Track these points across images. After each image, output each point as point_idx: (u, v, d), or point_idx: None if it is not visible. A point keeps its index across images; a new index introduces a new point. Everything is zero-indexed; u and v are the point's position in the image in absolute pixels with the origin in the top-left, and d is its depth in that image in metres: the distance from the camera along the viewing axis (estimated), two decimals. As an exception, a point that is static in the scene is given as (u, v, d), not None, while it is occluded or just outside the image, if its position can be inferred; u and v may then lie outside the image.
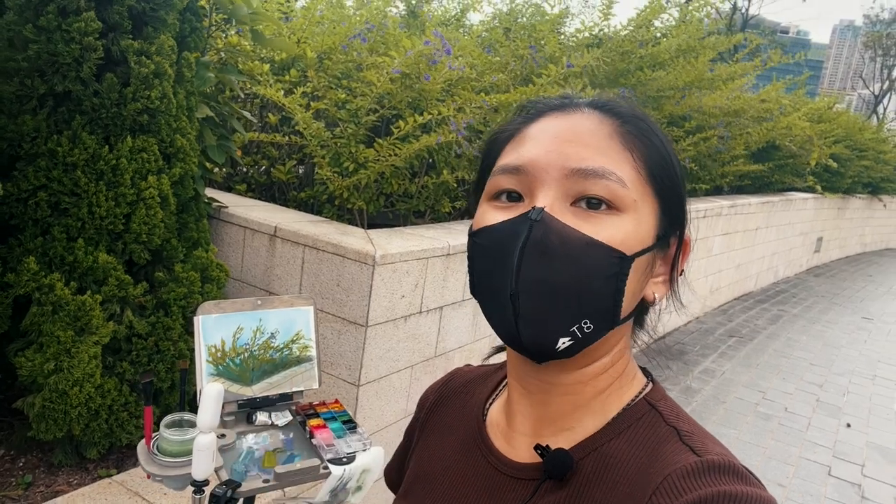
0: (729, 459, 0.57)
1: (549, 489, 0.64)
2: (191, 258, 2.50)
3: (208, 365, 1.44)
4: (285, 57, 3.61)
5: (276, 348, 1.53)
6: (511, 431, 0.71)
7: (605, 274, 0.58)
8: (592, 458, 0.63)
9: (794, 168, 8.30)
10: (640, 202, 0.61)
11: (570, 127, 0.62)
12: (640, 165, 0.61)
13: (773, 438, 4.36)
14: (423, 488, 0.76)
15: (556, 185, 0.60)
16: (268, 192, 3.70)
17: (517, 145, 0.65)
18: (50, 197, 2.19)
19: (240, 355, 1.48)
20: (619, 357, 0.66)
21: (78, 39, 2.11)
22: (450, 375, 0.87)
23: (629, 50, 4.07)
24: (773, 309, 7.98)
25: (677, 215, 0.65)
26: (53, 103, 2.20)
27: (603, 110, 0.64)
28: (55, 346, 2.15)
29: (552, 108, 0.66)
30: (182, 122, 2.41)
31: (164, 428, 1.32)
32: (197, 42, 2.52)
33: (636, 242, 0.60)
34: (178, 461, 1.29)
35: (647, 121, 0.65)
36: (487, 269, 0.62)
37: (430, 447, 0.80)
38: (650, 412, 0.65)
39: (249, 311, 1.51)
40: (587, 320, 0.59)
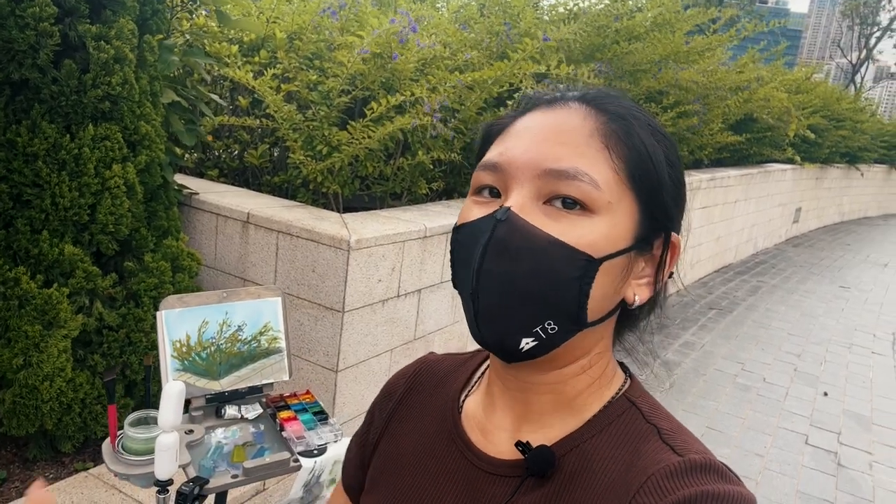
0: (709, 458, 0.58)
1: (531, 487, 0.64)
2: (161, 247, 2.46)
3: (173, 360, 1.42)
4: (254, 38, 3.53)
5: (243, 341, 1.50)
6: (489, 426, 0.70)
7: (569, 276, 0.58)
8: (573, 456, 0.64)
9: (772, 140, 8.34)
10: (616, 204, 0.60)
11: (553, 124, 0.62)
12: (619, 166, 0.60)
13: (751, 409, 4.43)
14: (393, 482, 0.74)
15: (528, 184, 0.60)
16: (241, 176, 3.64)
17: (502, 140, 0.65)
18: (11, 189, 2.13)
19: (206, 349, 1.45)
20: (598, 359, 0.66)
21: (33, 25, 2.04)
22: (419, 364, 0.86)
23: (605, 24, 4.03)
24: (753, 280, 8.07)
25: (660, 218, 0.63)
26: (10, 92, 2.13)
27: (591, 105, 0.63)
28: (23, 340, 2.11)
29: (542, 101, 0.66)
30: (146, 108, 2.35)
31: (128, 426, 1.30)
32: (159, 25, 2.45)
33: (607, 245, 0.59)
34: (143, 459, 1.27)
35: (635, 119, 0.63)
36: (459, 266, 0.63)
37: (400, 440, 0.78)
38: (630, 409, 0.66)
39: (215, 304, 1.48)
40: (550, 321, 0.58)
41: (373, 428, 0.83)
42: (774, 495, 3.40)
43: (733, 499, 0.54)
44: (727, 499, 0.54)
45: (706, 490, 0.54)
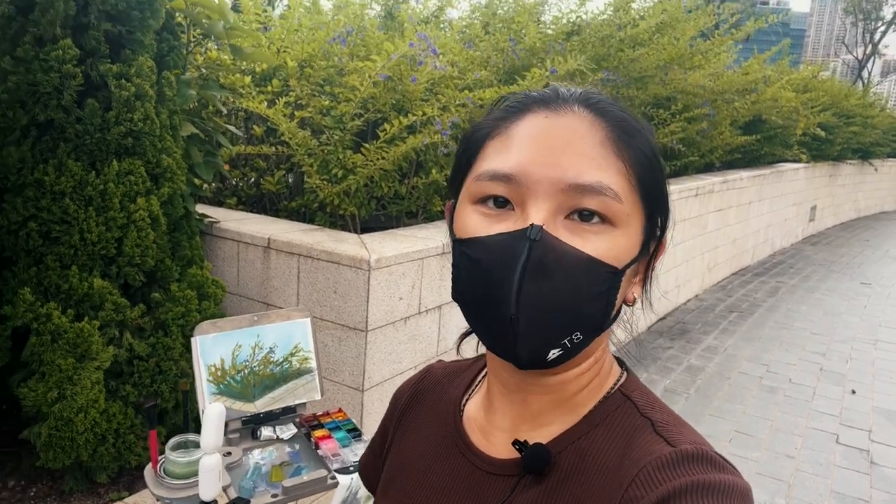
0: (703, 448, 0.58)
1: (528, 484, 0.64)
2: (186, 277, 2.51)
3: (209, 384, 1.45)
4: (266, 68, 3.60)
5: (275, 362, 1.54)
6: (489, 427, 0.71)
7: (599, 290, 0.59)
8: (570, 452, 0.64)
9: (782, 139, 8.31)
10: (632, 214, 0.61)
11: (562, 132, 0.60)
12: (631, 175, 0.61)
13: (779, 410, 4.38)
14: (402, 486, 0.76)
15: (550, 199, 0.59)
16: (258, 203, 3.70)
17: (503, 147, 0.62)
18: (40, 226, 2.19)
19: (240, 372, 1.49)
20: (600, 355, 0.67)
21: (57, 68, 2.11)
22: (423, 372, 0.86)
23: (609, 34, 4.07)
24: (772, 281, 8.01)
25: (660, 220, 0.65)
26: (37, 133, 2.20)
27: (593, 110, 0.62)
28: (57, 374, 2.16)
29: (537, 101, 0.63)
30: (167, 141, 2.41)
31: (169, 450, 1.33)
32: (176, 60, 2.52)
33: (626, 254, 0.60)
34: (185, 482, 1.30)
35: (634, 122, 0.64)
36: (479, 283, 0.60)
37: (406, 446, 0.79)
38: (625, 403, 0.66)
39: (247, 327, 1.51)
40: (578, 333, 0.59)
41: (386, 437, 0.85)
42: (808, 496, 3.36)
43: (727, 488, 0.54)
44: (720, 488, 0.54)
45: (698, 480, 0.54)
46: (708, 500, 0.53)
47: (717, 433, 3.94)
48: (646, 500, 0.55)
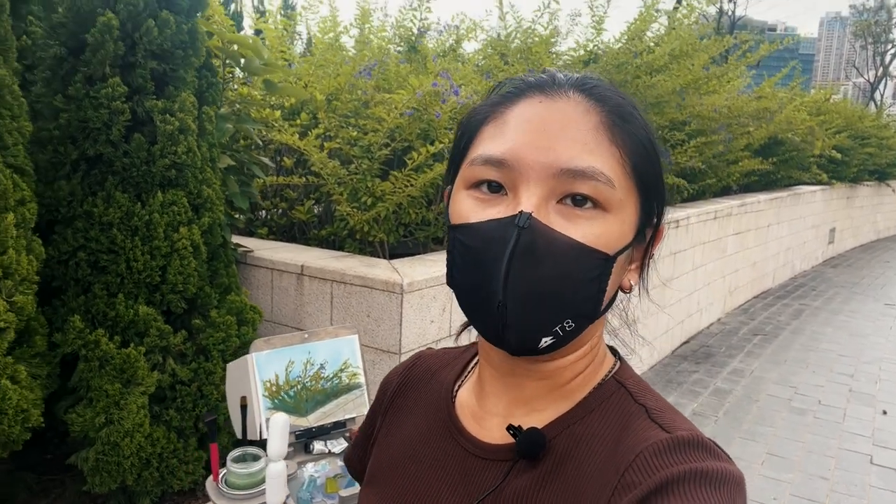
0: (697, 435, 0.58)
1: (523, 469, 0.64)
2: (225, 303, 2.58)
3: (265, 399, 1.51)
4: (294, 102, 3.73)
5: (326, 378, 1.59)
6: (482, 413, 0.70)
7: (590, 276, 0.58)
8: (564, 437, 0.64)
9: (798, 161, 8.34)
10: (625, 200, 0.60)
11: (556, 117, 0.60)
12: (626, 161, 0.60)
13: (810, 432, 4.34)
14: (391, 473, 0.74)
15: (542, 184, 0.58)
16: (288, 232, 3.79)
17: (497, 132, 0.62)
18: (89, 256, 2.28)
19: (293, 387, 1.54)
20: (595, 343, 0.68)
21: (106, 104, 2.22)
22: (413, 359, 0.85)
23: (625, 61, 4.17)
24: (794, 304, 7.95)
25: (656, 207, 0.65)
26: (86, 167, 2.31)
27: (589, 95, 0.61)
28: (104, 399, 2.22)
29: (533, 87, 0.63)
30: (207, 173, 2.51)
31: (231, 462, 1.38)
32: (214, 96, 2.63)
33: (618, 241, 0.60)
34: (247, 493, 1.34)
35: (631, 108, 0.63)
36: (470, 270, 0.60)
37: (396, 432, 0.78)
38: (619, 390, 0.66)
39: (298, 344, 1.57)
40: (570, 320, 0.59)
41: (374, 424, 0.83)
42: (846, 518, 3.32)
43: (722, 475, 0.54)
44: (715, 476, 0.54)
45: (694, 467, 0.54)
46: (704, 488, 0.53)
47: (749, 455, 3.91)
48: (644, 485, 0.55)
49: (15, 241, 1.96)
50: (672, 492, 0.54)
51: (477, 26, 5.14)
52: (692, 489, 0.53)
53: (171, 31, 2.31)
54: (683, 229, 5.36)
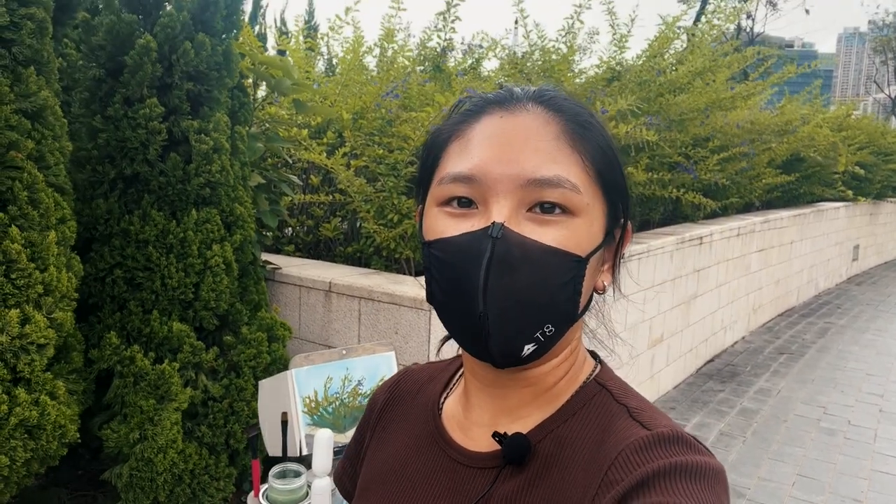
0: (677, 430, 0.60)
1: (510, 475, 0.65)
2: (255, 320, 2.60)
3: (304, 415, 1.51)
4: (320, 121, 3.78)
5: (363, 394, 1.60)
6: (468, 423, 0.71)
7: (564, 279, 0.60)
8: (549, 441, 0.65)
9: (821, 177, 8.26)
10: (592, 203, 0.62)
11: (518, 129, 0.61)
12: (588, 166, 0.62)
13: (840, 453, 4.25)
14: (380, 488, 0.75)
15: (510, 195, 0.60)
16: (314, 250, 3.82)
17: (462, 149, 0.63)
18: (125, 273, 2.32)
19: (331, 404, 1.55)
20: (575, 346, 0.69)
21: (143, 125, 2.27)
22: (400, 375, 0.86)
23: (648, 79, 4.18)
24: (819, 322, 7.84)
25: (621, 207, 0.67)
26: (123, 185, 2.35)
27: (547, 106, 0.63)
28: (139, 415, 2.24)
29: (492, 103, 0.65)
30: (239, 191, 2.55)
31: (273, 479, 1.39)
32: (246, 116, 2.68)
33: (588, 243, 0.62)
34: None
35: (588, 115, 0.65)
36: (449, 285, 0.61)
37: (384, 448, 0.79)
38: (601, 392, 0.67)
39: (337, 360, 1.58)
40: (549, 325, 0.60)
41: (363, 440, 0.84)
42: (882, 541, 3.24)
43: (702, 468, 0.55)
44: (696, 469, 0.55)
45: (675, 461, 0.56)
46: (685, 481, 0.54)
47: (779, 476, 3.84)
48: (625, 482, 0.56)
49: (56, 258, 2.00)
50: (653, 486, 0.54)
51: (497, 44, 5.19)
52: (672, 482, 0.54)
53: (206, 52, 2.36)
54: (707, 246, 5.33)
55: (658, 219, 5.29)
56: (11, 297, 1.87)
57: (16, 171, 1.91)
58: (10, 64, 1.94)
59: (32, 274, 1.91)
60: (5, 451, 1.85)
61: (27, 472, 1.97)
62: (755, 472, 3.89)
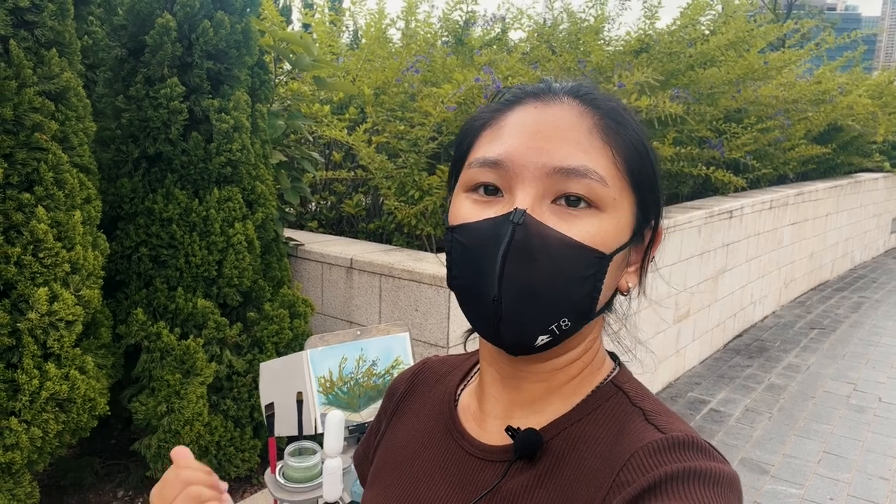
0: (692, 435, 0.59)
1: (520, 469, 0.65)
2: (278, 296, 2.64)
3: (319, 395, 1.54)
4: (342, 97, 3.77)
5: (378, 374, 1.62)
6: (483, 415, 0.71)
7: (584, 274, 0.59)
8: (561, 438, 0.65)
9: (858, 148, 8.00)
10: (620, 199, 0.61)
11: (550, 120, 0.62)
12: (619, 161, 0.61)
13: (870, 431, 4.19)
14: (392, 474, 0.76)
15: (536, 183, 0.60)
16: (337, 226, 3.85)
17: (494, 136, 0.64)
18: (150, 251, 2.37)
19: (346, 384, 1.57)
20: (591, 345, 0.68)
21: (165, 104, 2.29)
22: (420, 365, 0.87)
23: (678, 50, 4.07)
24: (853, 296, 7.67)
25: (652, 208, 0.66)
26: (147, 165, 2.39)
27: (583, 101, 0.63)
28: (165, 389, 2.31)
29: (530, 94, 0.65)
30: (260, 169, 2.57)
31: (288, 456, 1.42)
32: (267, 94, 2.69)
33: (614, 240, 0.61)
34: (304, 486, 1.38)
35: (624, 112, 0.65)
36: (468, 269, 0.62)
37: (399, 435, 0.79)
38: (617, 394, 0.67)
39: (351, 341, 1.60)
40: (566, 318, 0.60)
41: (379, 428, 0.85)
42: (908, 521, 3.21)
43: (715, 475, 0.54)
44: (709, 475, 0.54)
45: (688, 466, 0.55)
46: (697, 487, 0.54)
47: (805, 453, 3.80)
48: (637, 484, 0.56)
49: (82, 237, 2.05)
50: (665, 490, 0.54)
51: (523, 14, 5.09)
52: (685, 487, 0.54)
53: (225, 31, 2.36)
54: (737, 220, 5.22)
55: (687, 192, 5.20)
56: (39, 276, 1.93)
57: (41, 153, 1.96)
58: (33, 46, 1.97)
59: (59, 253, 1.96)
60: (38, 423, 1.93)
61: (60, 444, 2.05)
62: (780, 449, 3.86)
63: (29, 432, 1.91)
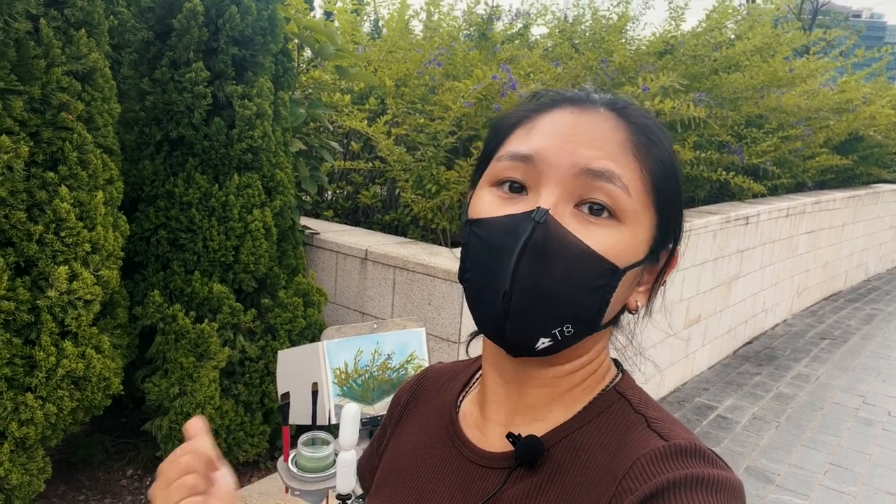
0: (695, 443, 0.59)
1: (521, 477, 0.65)
2: (292, 284, 2.65)
3: (334, 386, 1.55)
4: (364, 87, 3.77)
5: (392, 368, 1.62)
6: (484, 421, 0.71)
7: (595, 284, 0.59)
8: (563, 445, 0.64)
9: (879, 158, 7.91)
10: (641, 213, 0.61)
11: (585, 127, 0.62)
12: (647, 177, 0.62)
13: (877, 444, 4.17)
14: (395, 483, 0.76)
15: (562, 183, 0.60)
16: (353, 216, 3.86)
17: (527, 133, 0.64)
18: (169, 234, 2.38)
19: (361, 376, 1.58)
20: (596, 356, 0.68)
21: (189, 88, 2.30)
22: (423, 373, 0.87)
23: (703, 54, 4.03)
24: (866, 308, 7.60)
25: (673, 230, 0.66)
26: (169, 148, 2.40)
27: (619, 114, 0.64)
28: (179, 371, 2.33)
29: (568, 99, 0.65)
30: (280, 157, 2.58)
31: (301, 446, 1.43)
32: (289, 81, 2.69)
33: (630, 255, 0.61)
34: (316, 476, 1.40)
35: (658, 131, 0.65)
36: (483, 263, 0.61)
37: (403, 443, 0.80)
38: (619, 400, 0.66)
39: (367, 334, 1.61)
40: (570, 325, 0.60)
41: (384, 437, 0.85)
42: (913, 537, 3.19)
43: (719, 482, 0.54)
44: (713, 482, 0.54)
45: (691, 473, 0.55)
46: (700, 494, 0.53)
47: (811, 465, 3.79)
48: (639, 491, 0.55)
49: (103, 218, 2.07)
50: (668, 497, 0.54)
51: (547, 10, 5.06)
52: (688, 494, 0.53)
53: (252, 17, 2.37)
54: (753, 226, 5.19)
55: (704, 196, 5.16)
56: (60, 255, 1.95)
57: (66, 132, 1.97)
58: (63, 26, 1.98)
59: (80, 233, 1.98)
60: (53, 400, 1.95)
61: (73, 421, 2.07)
62: (786, 459, 3.85)
63: (44, 408, 1.94)
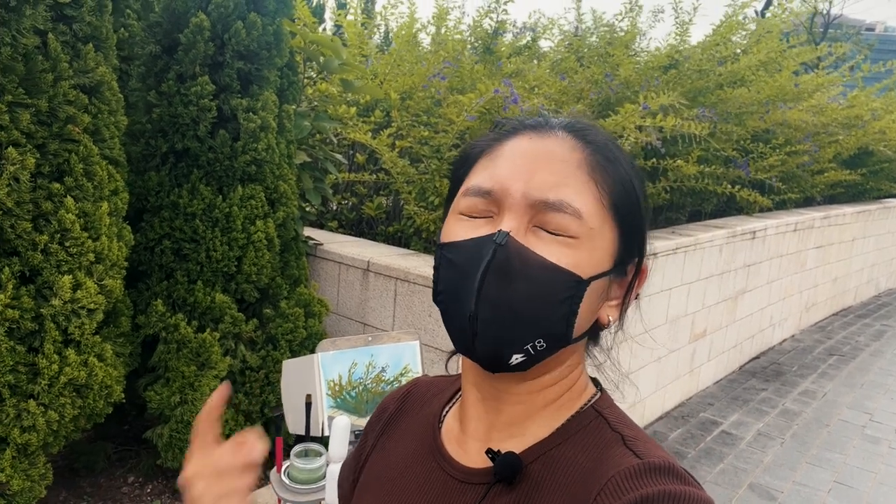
0: (669, 461, 0.60)
1: (499, 493, 0.66)
2: (294, 295, 2.68)
3: (328, 398, 1.57)
4: (369, 99, 3.81)
5: (386, 381, 1.64)
6: (464, 437, 0.72)
7: (561, 297, 0.61)
8: (541, 462, 0.65)
9: (889, 173, 7.86)
10: (598, 230, 0.63)
11: (543, 151, 0.64)
12: (604, 195, 0.64)
13: (883, 463, 4.12)
14: (376, 495, 0.77)
15: (520, 211, 0.62)
16: (357, 227, 3.89)
17: (489, 163, 0.67)
18: (173, 244, 2.42)
19: (355, 388, 1.60)
20: (570, 370, 0.69)
21: (195, 102, 2.34)
22: (410, 385, 0.88)
23: (707, 68, 4.04)
24: (876, 324, 7.53)
25: (636, 244, 0.68)
26: (174, 160, 2.44)
27: (576, 135, 0.66)
28: (180, 380, 2.36)
29: (527, 126, 0.68)
30: (284, 169, 2.61)
31: (294, 457, 1.45)
32: (294, 94, 2.73)
33: (591, 267, 0.63)
34: (308, 488, 1.41)
35: (616, 149, 0.67)
36: (451, 284, 0.64)
37: (385, 456, 0.80)
38: (597, 419, 0.68)
39: (362, 346, 1.63)
40: (541, 339, 0.62)
41: (365, 446, 0.85)
42: (918, 558, 3.15)
43: (691, 499, 0.55)
44: (684, 499, 0.55)
45: (663, 490, 0.56)
46: None
47: (815, 482, 3.75)
48: None
49: (107, 228, 2.11)
50: None
51: (554, 24, 5.09)
52: None
53: (257, 32, 2.41)
54: (760, 241, 5.17)
55: (710, 210, 5.15)
56: (65, 264, 1.98)
57: (72, 144, 2.01)
58: (71, 40, 2.02)
59: (85, 243, 2.01)
60: (55, 407, 1.98)
61: (75, 428, 2.10)
62: (790, 476, 3.82)
63: (46, 415, 1.97)
